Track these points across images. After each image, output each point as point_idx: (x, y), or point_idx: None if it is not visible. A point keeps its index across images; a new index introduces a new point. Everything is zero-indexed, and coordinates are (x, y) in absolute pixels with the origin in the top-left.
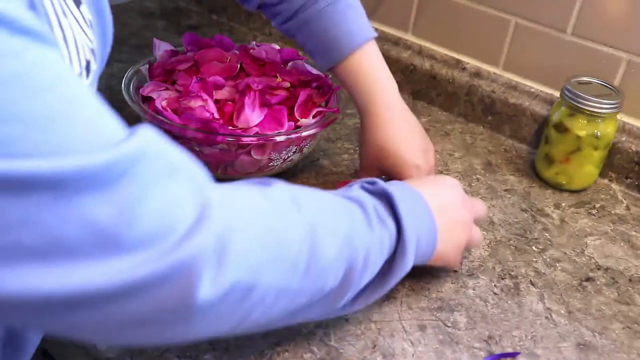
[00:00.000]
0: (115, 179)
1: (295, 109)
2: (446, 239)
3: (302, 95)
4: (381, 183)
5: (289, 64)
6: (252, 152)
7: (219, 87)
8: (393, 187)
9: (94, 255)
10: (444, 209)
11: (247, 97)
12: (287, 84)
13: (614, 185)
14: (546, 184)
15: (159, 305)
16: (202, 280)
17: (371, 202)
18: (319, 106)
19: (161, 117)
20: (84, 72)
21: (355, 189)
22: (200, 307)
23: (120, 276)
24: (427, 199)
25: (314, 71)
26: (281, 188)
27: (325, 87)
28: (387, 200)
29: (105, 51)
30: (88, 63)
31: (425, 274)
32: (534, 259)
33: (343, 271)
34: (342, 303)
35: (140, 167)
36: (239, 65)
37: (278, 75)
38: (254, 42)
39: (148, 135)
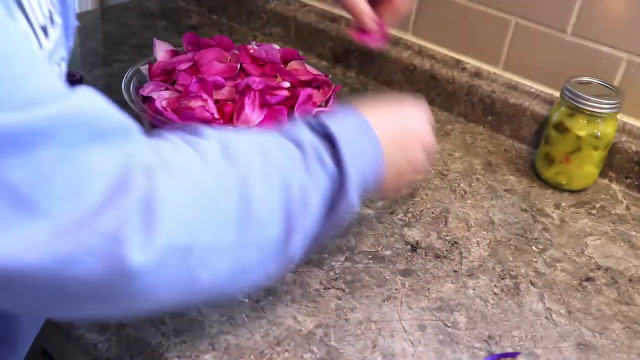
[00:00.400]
0: (35, 141)
1: (295, 109)
2: (392, 174)
3: (302, 95)
4: (327, 123)
5: (289, 64)
6: None
7: (219, 87)
8: (339, 124)
9: (11, 223)
10: (397, 140)
11: (247, 97)
12: (287, 84)
13: (614, 185)
14: (546, 184)
15: (93, 279)
16: (130, 247)
17: (311, 143)
18: (319, 106)
19: (161, 117)
20: (48, 28)
21: (299, 127)
22: (137, 275)
23: (41, 248)
24: (379, 128)
25: (314, 71)
26: (212, 138)
27: (325, 87)
28: (330, 142)
29: (69, 29)
30: (51, 16)
31: (425, 274)
32: (534, 259)
33: (282, 219)
34: (293, 249)
35: (63, 131)
36: (239, 65)
37: (278, 75)
38: (254, 42)
39: (79, 98)
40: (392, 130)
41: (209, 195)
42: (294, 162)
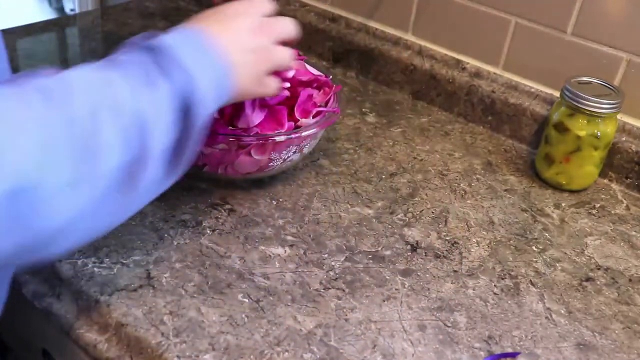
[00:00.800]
0: None
1: (295, 109)
2: (244, 73)
3: (302, 95)
4: (160, 37)
5: None
6: (252, 152)
7: None
8: (173, 38)
9: None
10: (234, 40)
11: None
12: (287, 84)
13: (614, 185)
14: (546, 184)
15: None
16: None
17: (150, 58)
18: (319, 106)
19: None
20: None
21: (133, 48)
22: None
23: None
24: (215, 35)
25: (315, 71)
26: (41, 85)
27: (326, 88)
28: (169, 53)
29: None
30: None
31: (425, 274)
32: (534, 259)
33: (127, 142)
34: (150, 174)
35: None
36: None
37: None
38: None
39: None
40: (225, 31)
41: (45, 137)
42: (135, 82)
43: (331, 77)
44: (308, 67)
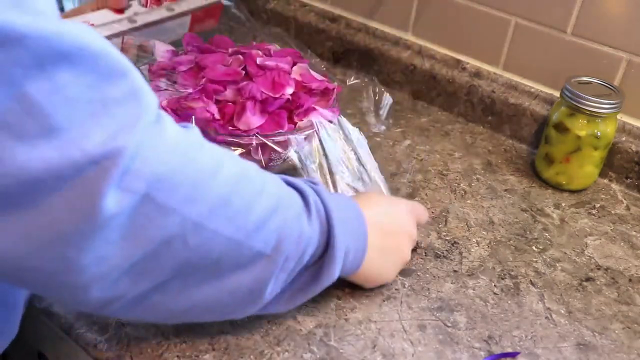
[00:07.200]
0: (55, 57)
1: (296, 114)
2: (375, 259)
3: (306, 105)
4: (321, 189)
5: (293, 68)
6: (252, 152)
7: (221, 92)
8: (331, 197)
9: (24, 134)
10: (382, 230)
11: (249, 102)
12: (292, 90)
13: (614, 185)
14: (546, 184)
15: (66, 204)
16: (112, 183)
17: (313, 196)
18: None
19: None
20: None
21: (301, 181)
22: (105, 214)
23: (47, 160)
24: (368, 215)
25: (318, 76)
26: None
27: (327, 93)
28: (324, 206)
29: None
30: None
31: (425, 274)
32: (534, 259)
33: (274, 240)
34: (270, 286)
35: (80, 55)
36: (243, 73)
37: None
38: (275, 45)
39: (92, 36)
40: (376, 215)
41: (205, 173)
42: (295, 202)
43: (332, 77)
44: (312, 72)
